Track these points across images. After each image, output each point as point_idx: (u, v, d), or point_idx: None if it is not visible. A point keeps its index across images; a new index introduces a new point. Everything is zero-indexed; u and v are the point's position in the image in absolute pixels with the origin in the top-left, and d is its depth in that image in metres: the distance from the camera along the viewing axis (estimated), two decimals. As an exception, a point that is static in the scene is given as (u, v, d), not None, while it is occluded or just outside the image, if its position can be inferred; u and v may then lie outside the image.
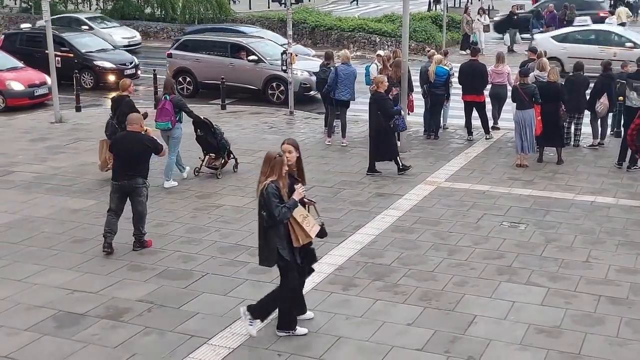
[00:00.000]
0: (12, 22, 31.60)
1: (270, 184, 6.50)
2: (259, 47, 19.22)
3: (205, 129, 11.96)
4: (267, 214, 6.48)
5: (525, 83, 12.33)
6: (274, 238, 6.56)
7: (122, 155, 8.78)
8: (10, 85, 17.88)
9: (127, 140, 8.81)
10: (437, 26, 27.67)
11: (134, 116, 9.04)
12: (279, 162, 6.59)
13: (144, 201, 8.89)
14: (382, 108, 11.84)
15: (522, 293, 7.72)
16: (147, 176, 8.97)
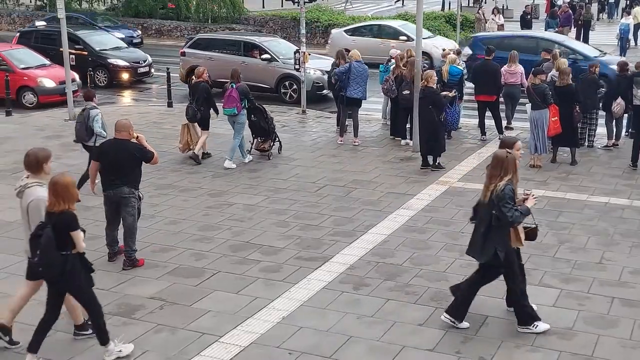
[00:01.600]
0: (28, 20, 31.82)
1: (507, 185, 6.54)
2: (272, 45, 19.24)
3: (258, 114, 12.76)
4: (499, 215, 6.52)
5: (536, 83, 12.27)
6: (496, 238, 6.64)
7: (106, 164, 8.22)
8: (42, 82, 18.06)
9: (113, 148, 8.22)
10: (451, 25, 27.58)
11: (123, 123, 8.29)
12: (512, 161, 6.66)
13: (132, 213, 8.27)
14: (434, 102, 11.91)
15: (535, 294, 7.67)
16: (137, 186, 8.33)
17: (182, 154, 12.96)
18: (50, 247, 5.94)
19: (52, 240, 5.94)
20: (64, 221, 6.01)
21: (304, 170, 12.33)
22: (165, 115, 16.75)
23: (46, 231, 5.97)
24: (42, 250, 5.96)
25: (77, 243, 6.10)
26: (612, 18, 36.35)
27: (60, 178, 6.09)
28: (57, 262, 6.00)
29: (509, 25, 29.56)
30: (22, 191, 6.49)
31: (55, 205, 6.02)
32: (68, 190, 6.05)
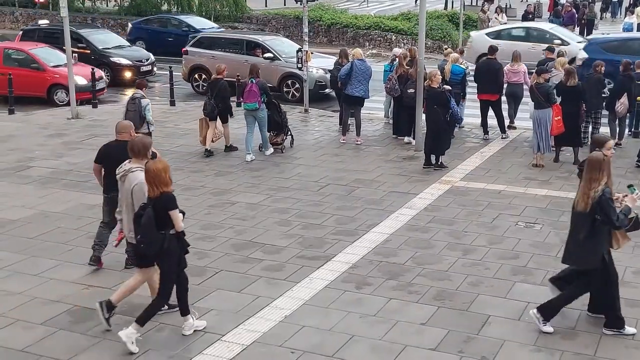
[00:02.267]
0: (31, 18, 31.84)
1: (606, 188, 6.48)
2: (275, 44, 19.24)
3: (273, 108, 13.06)
4: (605, 220, 6.46)
5: (540, 82, 12.25)
6: (601, 242, 6.60)
7: (109, 166, 7.91)
8: (75, 80, 18.10)
9: (116, 150, 7.92)
10: (454, 24, 27.56)
11: (124, 124, 8.20)
12: (608, 162, 6.60)
13: None
14: (439, 101, 11.92)
15: (537, 294, 7.67)
16: None
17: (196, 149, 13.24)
18: (150, 226, 6.36)
19: (152, 220, 6.37)
20: (163, 202, 6.42)
21: (307, 169, 12.33)
22: (167, 114, 16.76)
23: (147, 211, 6.41)
24: (143, 229, 6.39)
25: (176, 223, 6.48)
26: (615, 17, 36.31)
27: (151, 165, 6.52)
28: (156, 240, 6.40)
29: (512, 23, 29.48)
30: (125, 175, 6.93)
31: (151, 191, 6.46)
32: (159, 176, 6.43)
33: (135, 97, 11.46)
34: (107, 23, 31.33)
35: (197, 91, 19.71)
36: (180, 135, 14.69)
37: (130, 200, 6.84)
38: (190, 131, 14.92)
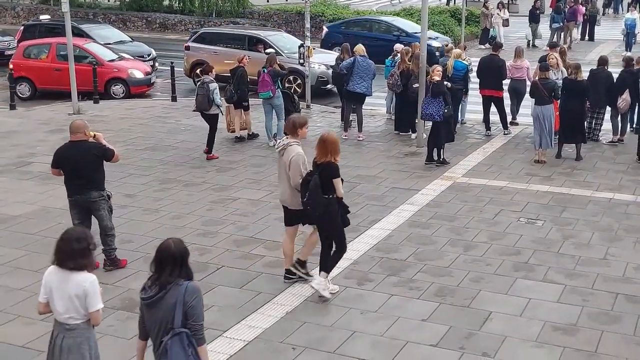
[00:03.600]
0: (32, 14, 31.82)
1: None
2: (277, 40, 19.20)
3: (286, 98, 13.44)
4: None
5: (546, 78, 12.22)
6: None
7: (68, 169, 7.88)
8: (133, 74, 18.27)
9: (71, 151, 7.85)
10: (456, 20, 27.49)
11: (77, 124, 7.93)
12: None
13: (105, 215, 8.02)
14: (441, 95, 11.93)
15: (539, 290, 7.67)
16: (103, 187, 8.06)
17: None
18: (317, 191, 7.18)
19: (318, 186, 7.18)
20: (329, 170, 7.24)
21: (308, 165, 12.29)
22: (169, 109, 16.75)
23: (314, 178, 7.23)
24: (310, 193, 7.21)
25: (338, 189, 7.29)
26: (617, 13, 36.20)
27: (328, 136, 7.37)
28: (321, 203, 7.21)
29: (514, 19, 29.45)
30: (284, 148, 7.61)
31: (323, 157, 7.26)
32: (334, 145, 7.27)
33: (205, 82, 12.34)
34: (108, 18, 31.31)
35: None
36: (181, 130, 14.68)
37: (288, 170, 7.48)
38: (192, 127, 14.91)
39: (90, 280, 4.89)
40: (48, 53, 18.29)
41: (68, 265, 4.87)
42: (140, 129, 14.82)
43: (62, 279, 4.88)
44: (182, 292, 4.63)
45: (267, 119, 13.43)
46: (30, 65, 18.31)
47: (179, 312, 4.62)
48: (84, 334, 4.97)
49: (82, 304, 4.88)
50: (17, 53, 18.74)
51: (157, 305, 4.69)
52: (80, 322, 4.94)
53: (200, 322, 4.69)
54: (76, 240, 4.89)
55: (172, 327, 4.62)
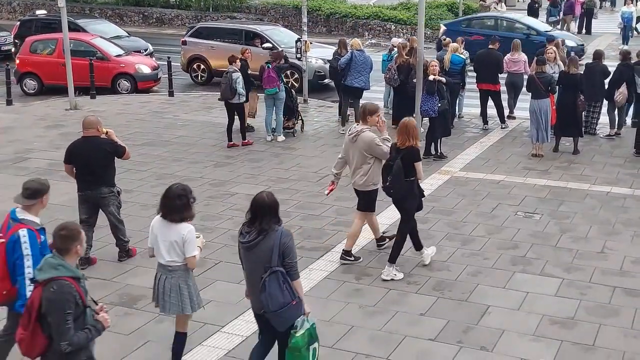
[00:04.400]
0: (28, 9, 31.73)
1: None
2: (274, 34, 19.17)
3: (285, 93, 13.41)
4: None
5: (542, 72, 12.22)
6: None
7: (80, 164, 7.98)
8: (140, 69, 18.33)
9: (84, 147, 7.95)
10: (453, 14, 27.48)
11: (90, 120, 8.04)
12: None
13: (113, 211, 8.14)
14: (437, 89, 11.97)
15: (536, 283, 7.68)
16: (114, 183, 8.19)
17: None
18: (399, 174, 7.56)
19: (401, 169, 7.54)
20: (411, 154, 7.61)
21: (306, 159, 12.32)
22: (166, 104, 16.72)
23: (396, 162, 7.57)
24: (393, 176, 7.60)
25: (419, 172, 7.71)
26: (614, 6, 36.18)
27: (409, 121, 7.78)
28: (402, 186, 7.61)
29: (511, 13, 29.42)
30: (357, 135, 7.96)
31: (405, 141, 7.60)
32: (415, 131, 7.65)
33: (229, 72, 12.62)
34: (105, 13, 31.24)
35: (195, 82, 19.66)
36: (179, 126, 14.66)
37: (364, 154, 7.88)
38: (190, 122, 14.90)
39: (188, 230, 5.69)
40: (55, 48, 18.26)
41: (170, 218, 5.70)
42: (137, 124, 14.79)
43: (165, 228, 5.70)
44: (278, 237, 5.30)
45: (267, 113, 13.43)
46: (36, 61, 18.32)
47: (276, 253, 5.28)
48: (182, 275, 5.76)
49: (181, 249, 5.66)
50: (24, 48, 18.72)
51: (256, 248, 5.34)
52: (180, 264, 5.72)
53: (295, 260, 5.39)
54: (177, 197, 5.72)
55: (270, 266, 5.28)
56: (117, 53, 18.67)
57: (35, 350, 4.62)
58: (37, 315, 4.54)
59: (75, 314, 4.51)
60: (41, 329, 4.55)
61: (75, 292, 4.53)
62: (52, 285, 4.49)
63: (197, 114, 15.71)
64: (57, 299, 4.46)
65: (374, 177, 7.99)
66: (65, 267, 4.57)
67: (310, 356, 5.41)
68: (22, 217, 5.63)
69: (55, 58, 18.02)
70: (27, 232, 5.48)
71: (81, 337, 4.57)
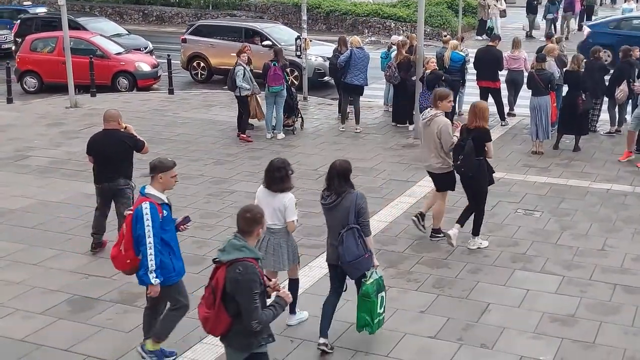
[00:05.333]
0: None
1: None
2: (274, 32, 19.15)
3: (286, 91, 13.37)
4: None
5: (542, 69, 12.21)
6: None
7: (99, 156, 8.16)
8: (140, 67, 18.31)
9: (104, 139, 8.14)
10: (453, 11, 27.43)
11: (111, 113, 8.22)
12: None
13: (128, 203, 8.17)
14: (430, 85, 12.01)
15: (537, 281, 7.68)
16: (131, 176, 8.34)
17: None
18: (471, 154, 8.02)
19: (473, 149, 8.01)
20: (481, 134, 8.07)
21: (305, 157, 12.31)
22: (166, 102, 16.71)
23: (468, 142, 8.02)
24: (465, 156, 8.06)
25: (490, 151, 8.19)
26: (615, 3, 36.13)
27: (479, 103, 8.45)
28: (473, 165, 8.07)
29: (510, 10, 29.40)
30: (431, 119, 8.40)
31: (474, 122, 8.12)
32: (484, 112, 8.16)
33: (239, 63, 12.88)
34: (105, 11, 31.21)
35: (195, 79, 19.65)
36: (179, 124, 14.65)
37: (437, 139, 8.31)
38: (190, 120, 14.89)
39: (288, 198, 6.47)
40: (55, 46, 18.25)
41: (273, 189, 6.49)
42: (137, 122, 14.75)
43: (268, 196, 6.53)
44: (354, 199, 6.20)
45: (268, 111, 13.43)
46: (36, 59, 18.29)
47: (352, 213, 6.19)
48: (283, 236, 6.59)
49: (282, 214, 6.48)
50: (24, 46, 18.70)
51: (336, 209, 6.26)
52: (281, 227, 6.54)
53: (368, 219, 6.29)
54: (277, 170, 6.49)
55: (347, 223, 6.18)
56: (117, 51, 18.66)
57: (219, 328, 4.82)
58: (222, 295, 4.71)
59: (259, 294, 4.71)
60: (225, 309, 4.72)
61: (258, 273, 4.73)
62: (237, 266, 4.66)
63: (197, 111, 15.70)
64: (244, 279, 4.63)
65: (449, 160, 8.43)
66: (248, 248, 4.75)
67: (378, 303, 6.17)
68: (148, 192, 5.93)
69: (55, 56, 18.00)
70: (148, 204, 5.77)
71: (268, 315, 4.77)
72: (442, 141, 8.32)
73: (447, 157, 8.41)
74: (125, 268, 6.03)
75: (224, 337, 4.88)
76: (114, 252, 6.01)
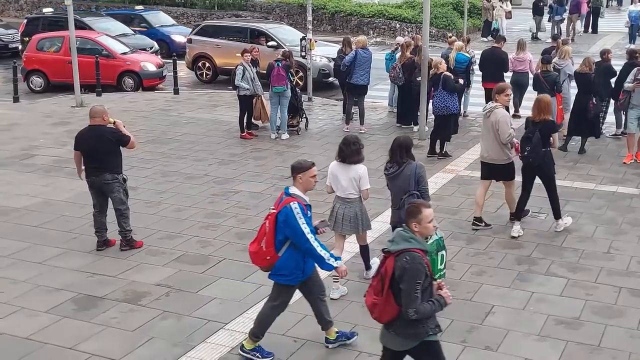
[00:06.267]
0: (35, 6, 31.77)
1: None
2: (279, 32, 19.15)
3: (290, 91, 13.41)
4: None
5: (547, 71, 12.19)
6: None
7: (85, 151, 8.31)
8: (145, 67, 18.37)
9: (88, 135, 8.28)
10: (458, 12, 27.40)
11: (95, 109, 8.36)
12: None
13: (119, 197, 8.31)
14: (448, 86, 12.00)
15: (542, 283, 7.66)
16: (119, 170, 8.35)
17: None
18: (538, 145, 8.60)
19: (539, 140, 8.58)
20: (547, 127, 8.70)
21: (310, 157, 12.10)
22: (171, 102, 16.73)
23: (536, 134, 8.59)
24: (532, 146, 8.61)
25: (555, 141, 8.86)
26: (621, 5, 36.04)
27: (544, 97, 8.94)
28: (540, 155, 8.66)
29: (516, 12, 29.35)
30: (491, 111, 8.90)
31: (538, 115, 8.72)
32: (548, 105, 8.75)
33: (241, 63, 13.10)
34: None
35: (200, 80, 19.67)
36: (184, 123, 14.66)
37: (496, 129, 8.77)
38: (194, 120, 14.90)
39: (362, 169, 7.35)
40: (61, 46, 18.30)
41: (348, 161, 7.30)
42: (142, 121, 14.80)
43: (343, 169, 7.35)
44: (414, 168, 7.24)
45: (273, 111, 13.43)
46: (43, 58, 18.35)
47: (413, 181, 7.19)
48: (357, 205, 7.43)
49: (358, 184, 7.31)
50: (31, 46, 18.76)
51: (398, 177, 7.31)
52: (356, 196, 7.38)
53: (426, 187, 7.28)
54: (352, 144, 7.30)
55: (409, 189, 7.17)
56: (123, 51, 18.69)
57: (386, 315, 5.01)
58: (390, 283, 4.91)
59: (423, 286, 4.85)
60: (393, 297, 4.92)
61: (425, 264, 4.88)
62: (404, 255, 4.88)
63: (202, 111, 15.72)
64: (410, 268, 4.83)
65: (508, 151, 8.91)
66: (416, 239, 4.98)
67: (439, 261, 6.40)
68: (293, 192, 6.09)
69: (61, 56, 18.04)
70: (297, 204, 5.96)
71: (426, 308, 4.89)
72: (500, 132, 8.73)
73: (506, 149, 8.87)
74: (263, 264, 6.16)
75: (390, 325, 5.05)
76: (253, 247, 6.11)
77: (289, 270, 6.07)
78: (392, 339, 5.09)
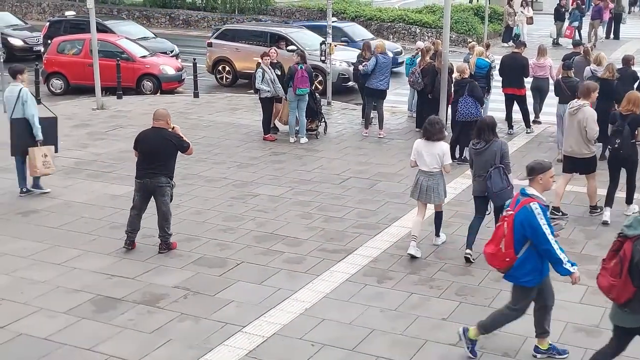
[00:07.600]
0: (57, 9, 32.14)
1: None
2: (299, 37, 19.19)
3: (309, 95, 13.45)
4: None
5: (568, 77, 12.09)
6: None
7: (144, 152, 8.36)
8: (165, 70, 18.56)
9: (151, 136, 8.37)
10: (479, 18, 27.30)
11: (161, 112, 8.51)
12: None
13: (167, 201, 8.43)
14: (473, 93, 12.00)
15: (561, 290, 7.55)
16: (172, 176, 8.52)
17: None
18: (628, 137, 9.15)
19: (629, 133, 9.11)
20: (635, 120, 9.17)
21: (329, 161, 12.31)
22: (191, 105, 16.82)
23: (626, 127, 9.08)
24: (623, 140, 9.16)
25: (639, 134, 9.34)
26: (644, 11, 35.70)
27: (634, 92, 9.53)
28: (629, 147, 9.22)
29: (537, 17, 29.18)
30: (578, 108, 9.43)
31: (628, 109, 9.23)
32: (638, 100, 9.19)
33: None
34: (132, 15, 31.52)
35: (220, 83, 19.76)
36: (203, 127, 14.74)
37: (584, 126, 9.32)
38: (213, 123, 14.97)
39: (445, 145, 8.42)
40: (81, 49, 18.49)
41: (432, 139, 8.32)
42: (162, 124, 14.88)
43: (428, 145, 8.35)
44: (499, 145, 8.19)
45: (291, 115, 13.46)
46: (63, 61, 18.56)
47: (498, 156, 8.11)
48: (439, 177, 8.46)
49: (441, 159, 8.33)
50: (51, 48, 18.96)
51: (483, 153, 8.16)
52: (438, 170, 8.42)
53: (509, 161, 8.26)
54: (436, 123, 8.36)
55: (494, 163, 8.08)
56: (142, 54, 18.84)
57: (623, 296, 5.33)
58: (629, 266, 5.24)
59: None
60: (631, 279, 5.23)
61: None
62: None
63: (221, 115, 15.79)
64: None
65: (592, 146, 9.51)
66: None
67: None
68: (531, 193, 6.09)
69: (81, 58, 18.22)
70: (537, 204, 5.97)
71: None
72: (587, 129, 9.29)
73: (590, 144, 9.45)
74: (502, 266, 6.16)
75: (627, 304, 5.36)
76: (490, 249, 6.14)
77: (528, 272, 6.06)
78: (626, 317, 5.43)
